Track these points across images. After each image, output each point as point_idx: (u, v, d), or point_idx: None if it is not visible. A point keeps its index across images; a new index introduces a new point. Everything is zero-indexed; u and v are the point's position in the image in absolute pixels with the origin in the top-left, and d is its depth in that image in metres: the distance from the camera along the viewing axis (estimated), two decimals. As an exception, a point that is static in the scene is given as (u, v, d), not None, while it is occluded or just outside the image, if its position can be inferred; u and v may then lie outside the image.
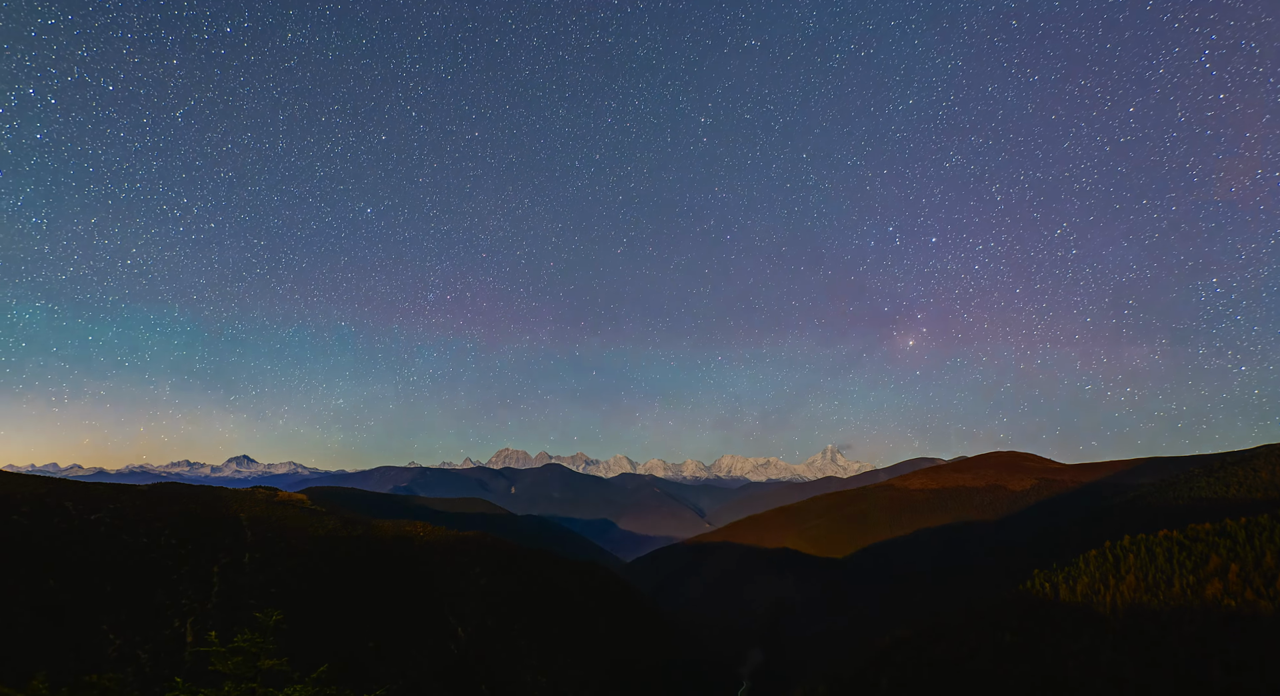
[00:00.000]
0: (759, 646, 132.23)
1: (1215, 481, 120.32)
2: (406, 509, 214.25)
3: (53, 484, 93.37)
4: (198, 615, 72.74)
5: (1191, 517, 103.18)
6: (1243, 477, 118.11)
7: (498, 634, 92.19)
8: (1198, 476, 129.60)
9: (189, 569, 79.86)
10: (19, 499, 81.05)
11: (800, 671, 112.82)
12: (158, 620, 70.39)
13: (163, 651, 66.62)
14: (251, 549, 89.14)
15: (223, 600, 77.08)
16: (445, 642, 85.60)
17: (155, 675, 62.21)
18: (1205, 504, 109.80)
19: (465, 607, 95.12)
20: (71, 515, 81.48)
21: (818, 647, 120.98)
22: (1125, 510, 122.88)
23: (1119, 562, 75.96)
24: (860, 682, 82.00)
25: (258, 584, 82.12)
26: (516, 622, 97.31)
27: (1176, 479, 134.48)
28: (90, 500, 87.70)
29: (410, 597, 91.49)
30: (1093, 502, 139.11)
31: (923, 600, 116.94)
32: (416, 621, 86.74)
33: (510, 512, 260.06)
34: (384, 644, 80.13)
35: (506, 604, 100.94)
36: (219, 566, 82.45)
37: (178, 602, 73.66)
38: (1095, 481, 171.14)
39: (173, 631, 69.82)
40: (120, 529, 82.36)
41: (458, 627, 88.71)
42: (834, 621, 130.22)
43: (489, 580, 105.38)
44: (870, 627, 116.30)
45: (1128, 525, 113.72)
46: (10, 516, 76.29)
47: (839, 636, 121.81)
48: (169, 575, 77.33)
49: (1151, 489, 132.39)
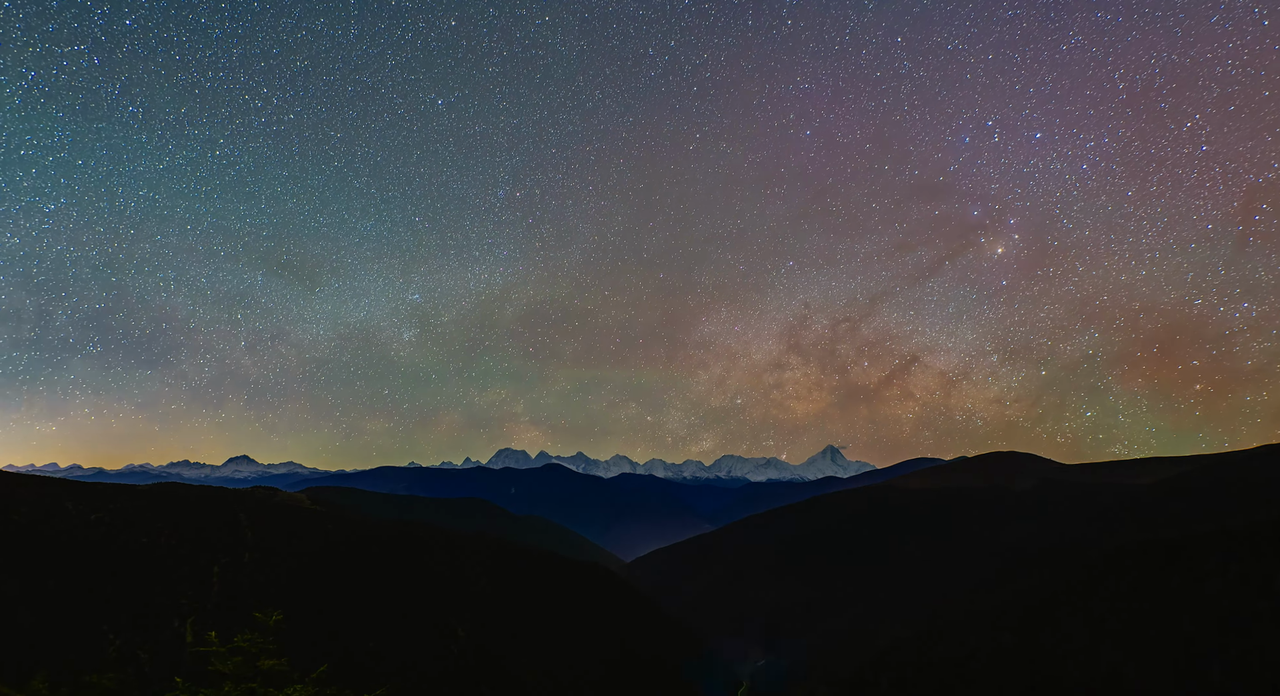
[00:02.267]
0: (759, 646, 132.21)
1: (1215, 480, 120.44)
2: (406, 509, 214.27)
3: (53, 484, 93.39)
4: (198, 615, 72.76)
5: (1192, 517, 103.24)
6: (1243, 476, 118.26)
7: (498, 634, 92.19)
8: (1198, 476, 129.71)
9: (189, 569, 79.88)
10: (19, 499, 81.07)
11: (800, 671, 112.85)
12: (158, 620, 70.41)
13: (163, 651, 66.65)
14: (251, 549, 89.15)
15: (223, 600, 77.10)
16: (445, 642, 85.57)
17: (155, 675, 62.23)
18: (1205, 503, 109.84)
19: (465, 607, 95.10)
20: (71, 515, 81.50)
21: (818, 647, 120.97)
22: (1125, 510, 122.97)
23: (1119, 562, 75.92)
24: (860, 682, 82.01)
25: (258, 584, 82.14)
26: (516, 623, 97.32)
27: (1177, 478, 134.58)
28: (90, 500, 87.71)
29: (410, 597, 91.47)
30: (1093, 502, 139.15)
31: (923, 600, 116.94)
32: (416, 621, 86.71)
33: (510, 512, 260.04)
34: (384, 644, 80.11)
35: (506, 604, 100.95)
36: (219, 566, 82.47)
37: (178, 602, 73.69)
38: (1096, 481, 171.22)
39: (173, 631, 69.85)
40: (120, 529, 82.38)
41: (458, 627, 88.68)
42: (834, 621, 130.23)
43: (489, 580, 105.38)
44: (870, 628, 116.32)
45: (1127, 525, 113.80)
46: (10, 516, 76.30)
47: (839, 636, 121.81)
48: (169, 575, 77.35)
49: (1151, 488, 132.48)
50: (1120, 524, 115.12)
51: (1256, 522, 68.93)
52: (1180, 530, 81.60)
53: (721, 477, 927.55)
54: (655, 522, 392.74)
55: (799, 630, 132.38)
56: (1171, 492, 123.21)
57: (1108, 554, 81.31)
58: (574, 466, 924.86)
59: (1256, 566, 61.36)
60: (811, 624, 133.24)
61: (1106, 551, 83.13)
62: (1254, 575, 60.68)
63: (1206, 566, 65.07)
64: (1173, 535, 77.24)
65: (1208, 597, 61.49)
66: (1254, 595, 58.74)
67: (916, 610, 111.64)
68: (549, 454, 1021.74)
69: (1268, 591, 58.33)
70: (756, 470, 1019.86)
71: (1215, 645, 56.63)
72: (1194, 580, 64.45)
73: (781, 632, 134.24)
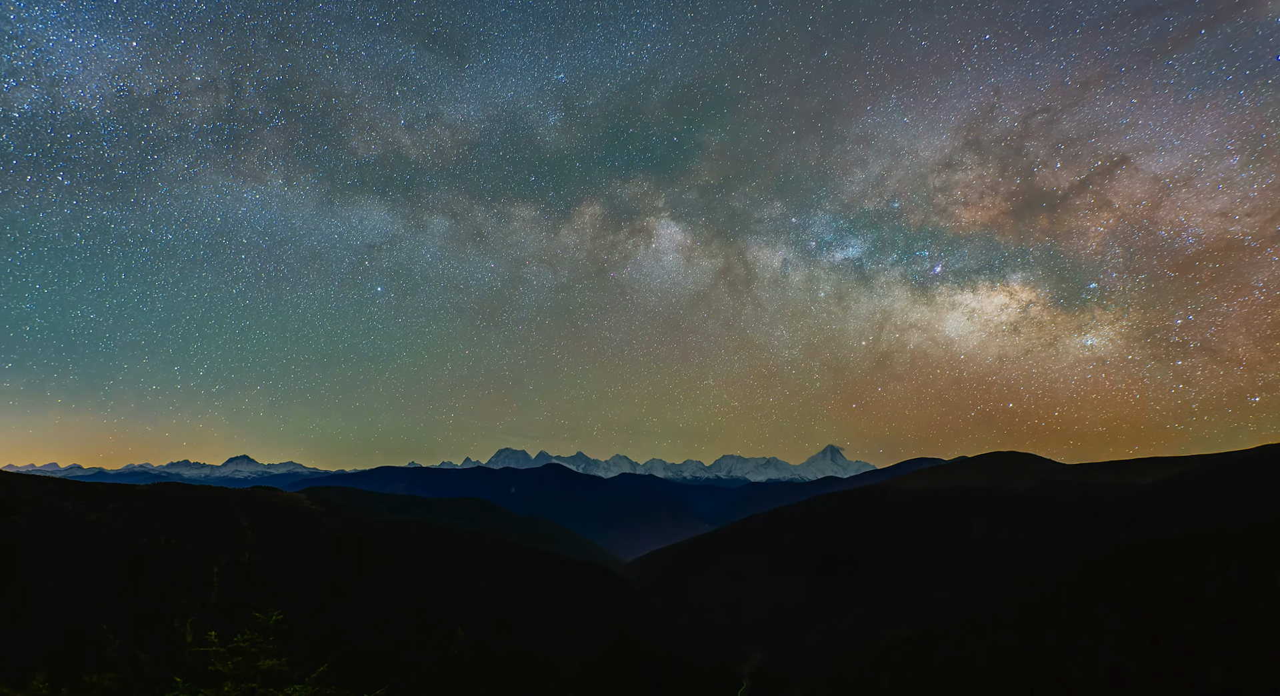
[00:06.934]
0: (759, 646, 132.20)
1: (1215, 480, 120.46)
2: (406, 509, 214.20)
3: (53, 484, 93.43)
4: (198, 615, 72.76)
5: (1192, 516, 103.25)
6: (1243, 476, 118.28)
7: (498, 634, 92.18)
8: (1198, 476, 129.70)
9: (189, 569, 79.90)
10: (19, 499, 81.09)
11: (800, 671, 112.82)
12: (158, 620, 70.44)
13: (163, 651, 66.66)
14: (251, 549, 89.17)
15: (223, 600, 77.12)
16: (445, 642, 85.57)
17: (155, 675, 62.22)
18: (1205, 503, 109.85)
19: (465, 607, 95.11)
20: (71, 515, 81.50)
21: (818, 647, 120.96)
22: (1125, 510, 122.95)
23: (1119, 562, 75.93)
24: (860, 682, 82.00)
25: (258, 584, 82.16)
26: (516, 622, 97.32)
27: (1177, 478, 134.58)
28: (90, 500, 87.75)
29: (410, 597, 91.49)
30: (1093, 503, 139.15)
31: (923, 600, 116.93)
32: (416, 621, 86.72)
33: (510, 512, 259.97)
34: (384, 644, 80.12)
35: (506, 604, 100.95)
36: (219, 566, 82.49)
37: (178, 602, 73.70)
38: (1095, 482, 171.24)
39: (173, 631, 69.86)
40: (120, 529, 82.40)
41: (458, 627, 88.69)
42: (834, 621, 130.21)
43: (489, 580, 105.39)
44: (870, 628, 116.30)
45: (1127, 525, 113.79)
46: (10, 516, 76.31)
47: (839, 636, 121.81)
48: (169, 575, 77.37)
49: (1151, 488, 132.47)
50: (1120, 524, 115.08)
51: (1256, 522, 68.92)
52: (1180, 530, 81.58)
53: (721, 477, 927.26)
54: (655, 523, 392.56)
55: (799, 630, 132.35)
56: (1171, 492, 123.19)
57: (1108, 554, 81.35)
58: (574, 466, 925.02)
59: (1256, 566, 61.35)
60: (811, 624, 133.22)
61: (1106, 551, 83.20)
62: (1254, 575, 60.67)
63: (1206, 566, 65.06)
64: (1173, 535, 77.24)
65: (1208, 597, 61.47)
66: (1254, 595, 58.73)
67: (916, 610, 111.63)
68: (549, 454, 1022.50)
69: (1268, 591, 58.32)
70: (756, 470, 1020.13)
71: (1215, 645, 56.62)
72: (1194, 580, 64.43)
73: (781, 632, 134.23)
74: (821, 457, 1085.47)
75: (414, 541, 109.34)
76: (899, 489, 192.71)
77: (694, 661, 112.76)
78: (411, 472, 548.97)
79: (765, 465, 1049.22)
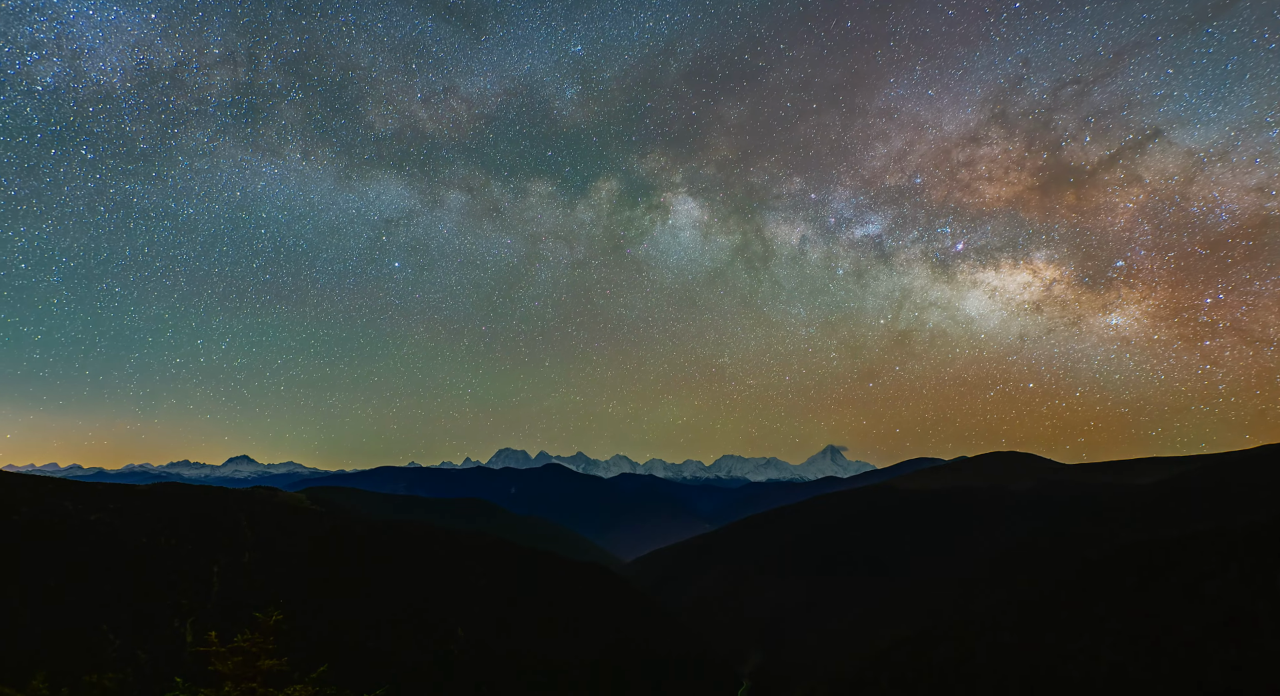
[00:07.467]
0: (759, 646, 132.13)
1: (1215, 480, 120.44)
2: (406, 509, 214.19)
3: (53, 484, 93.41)
4: (198, 615, 72.78)
5: (1192, 517, 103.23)
6: (1243, 476, 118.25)
7: (498, 634, 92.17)
8: (1198, 476, 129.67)
9: (189, 569, 79.90)
10: (19, 499, 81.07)
11: (800, 671, 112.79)
12: (158, 620, 70.44)
13: (163, 651, 66.67)
14: (251, 549, 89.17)
15: (223, 600, 77.13)
16: (445, 642, 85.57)
17: (155, 675, 62.24)
18: (1205, 503, 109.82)
19: (465, 607, 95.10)
20: (71, 515, 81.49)
21: (818, 647, 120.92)
22: (1125, 510, 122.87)
23: (1119, 562, 75.93)
24: (860, 682, 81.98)
25: (258, 584, 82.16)
26: (516, 622, 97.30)
27: (1177, 478, 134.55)
28: (90, 500, 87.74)
29: (410, 597, 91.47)
30: (1093, 503, 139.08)
31: (923, 600, 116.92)
32: (416, 621, 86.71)
33: (510, 512, 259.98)
34: (384, 643, 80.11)
35: (506, 603, 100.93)
36: (219, 566, 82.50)
37: (178, 602, 73.70)
38: (1095, 482, 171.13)
39: (173, 631, 69.87)
40: (120, 529, 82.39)
41: (458, 627, 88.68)
42: (834, 621, 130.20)
43: (489, 580, 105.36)
44: (870, 628, 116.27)
45: (1127, 525, 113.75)
46: (10, 516, 76.30)
47: (839, 636, 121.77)
48: (169, 575, 77.36)
49: (1152, 488, 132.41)
50: (1120, 524, 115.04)
51: (1256, 522, 68.95)
52: (1180, 530, 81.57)
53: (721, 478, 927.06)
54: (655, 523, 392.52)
55: (799, 630, 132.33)
56: (1171, 492, 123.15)
57: (1108, 554, 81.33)
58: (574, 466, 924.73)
59: (1257, 566, 61.36)
60: (812, 624, 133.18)
61: (1106, 551, 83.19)
62: (1254, 575, 60.69)
63: (1206, 566, 65.08)
64: (1173, 535, 77.24)
65: (1208, 597, 61.48)
66: (1254, 595, 58.74)
67: (916, 610, 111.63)
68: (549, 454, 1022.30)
69: (1268, 591, 58.34)
70: (756, 470, 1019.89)
71: (1215, 645, 56.63)
72: (1194, 580, 64.44)
73: (781, 632, 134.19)
74: (821, 457, 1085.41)
75: (414, 541, 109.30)
76: (899, 489, 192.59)
77: (694, 661, 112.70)
78: (411, 472, 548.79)
79: (765, 465, 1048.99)
